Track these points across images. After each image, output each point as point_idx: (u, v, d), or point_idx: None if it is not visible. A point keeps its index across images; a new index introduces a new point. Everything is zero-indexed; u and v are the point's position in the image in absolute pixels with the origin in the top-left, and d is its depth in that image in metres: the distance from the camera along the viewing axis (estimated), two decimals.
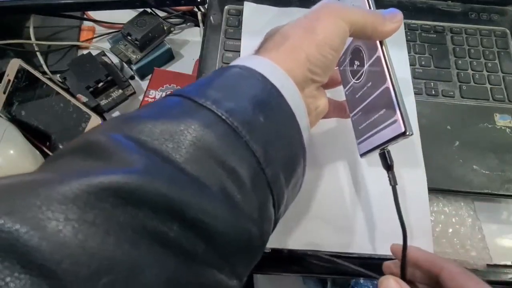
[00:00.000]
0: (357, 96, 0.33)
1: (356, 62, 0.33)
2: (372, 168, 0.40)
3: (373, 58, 0.30)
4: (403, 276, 0.30)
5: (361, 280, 0.62)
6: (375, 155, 0.32)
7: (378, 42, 0.30)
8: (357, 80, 0.33)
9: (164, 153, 0.20)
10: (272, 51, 0.28)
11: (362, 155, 0.33)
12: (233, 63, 0.27)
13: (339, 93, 0.36)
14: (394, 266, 0.31)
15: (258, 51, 0.29)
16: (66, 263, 0.15)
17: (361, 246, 0.38)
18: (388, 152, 0.31)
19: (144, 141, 0.20)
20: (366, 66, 0.31)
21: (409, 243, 0.39)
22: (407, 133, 0.28)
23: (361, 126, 0.33)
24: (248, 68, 0.26)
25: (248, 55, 0.29)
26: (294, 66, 0.27)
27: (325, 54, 0.27)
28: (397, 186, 0.31)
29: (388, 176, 0.31)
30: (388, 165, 0.31)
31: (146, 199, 0.18)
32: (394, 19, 0.30)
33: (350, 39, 0.33)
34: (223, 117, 0.22)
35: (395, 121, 0.28)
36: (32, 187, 0.16)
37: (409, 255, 0.30)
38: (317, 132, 0.41)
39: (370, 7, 0.30)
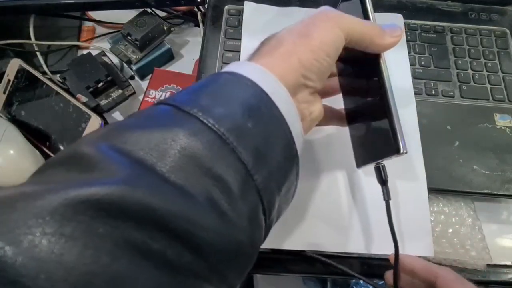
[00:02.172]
0: (354, 106, 0.33)
1: (355, 73, 0.33)
2: (371, 169, 0.40)
3: (371, 70, 0.30)
4: (395, 287, 0.30)
5: (361, 281, 0.62)
6: (371, 167, 0.32)
7: (377, 56, 0.30)
8: (355, 90, 0.33)
9: (149, 162, 0.19)
10: (266, 56, 0.27)
11: (358, 166, 0.34)
12: (224, 69, 0.27)
13: (338, 101, 0.36)
14: (392, 276, 0.32)
15: (252, 56, 0.29)
16: (41, 278, 0.14)
17: (360, 246, 0.38)
18: (383, 167, 0.32)
19: (129, 151, 0.20)
20: (364, 78, 0.31)
21: (409, 243, 0.39)
22: (402, 152, 0.28)
23: (358, 136, 0.33)
24: (238, 74, 0.26)
25: (239, 61, 0.29)
26: (287, 71, 0.27)
27: (319, 60, 0.27)
28: (390, 200, 0.32)
29: (382, 191, 0.32)
30: (382, 180, 0.32)
31: (128, 210, 0.17)
32: (394, 33, 0.30)
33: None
34: (209, 124, 0.22)
35: (390, 139, 0.28)
36: (11, 201, 0.16)
37: (405, 264, 0.31)
38: (316, 135, 0.41)
39: (371, 19, 0.30)
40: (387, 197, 0.32)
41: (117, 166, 0.19)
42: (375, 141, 0.30)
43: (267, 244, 0.35)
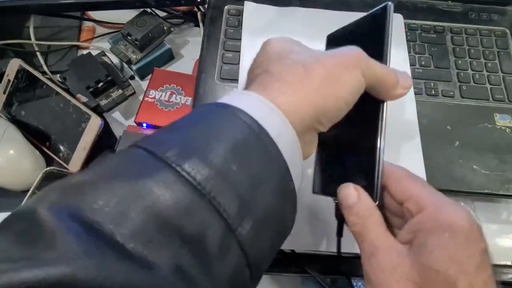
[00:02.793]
0: (336, 136, 0.30)
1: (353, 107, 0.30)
2: None
3: (370, 111, 0.28)
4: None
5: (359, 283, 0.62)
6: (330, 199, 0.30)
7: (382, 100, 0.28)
8: (345, 124, 0.29)
9: (107, 229, 0.17)
10: (284, 85, 0.25)
11: (314, 192, 0.31)
12: (222, 99, 0.24)
13: None
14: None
15: (264, 77, 0.26)
16: None
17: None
18: None
19: (87, 216, 0.17)
20: (360, 114, 0.28)
21: None
22: (376, 203, 0.26)
23: (328, 164, 0.31)
24: (232, 107, 0.23)
25: (238, 92, 0.26)
26: (303, 113, 0.24)
27: (339, 108, 0.26)
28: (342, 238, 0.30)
29: (338, 227, 0.30)
30: (340, 216, 0.29)
31: None
32: (405, 84, 0.28)
33: None
34: (183, 173, 0.19)
35: (367, 186, 0.27)
36: None
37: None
38: None
39: (387, 63, 0.28)
40: (340, 234, 0.30)
41: (70, 238, 0.16)
42: (348, 179, 0.28)
43: None
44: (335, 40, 0.34)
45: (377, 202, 0.26)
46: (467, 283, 0.21)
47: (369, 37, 0.30)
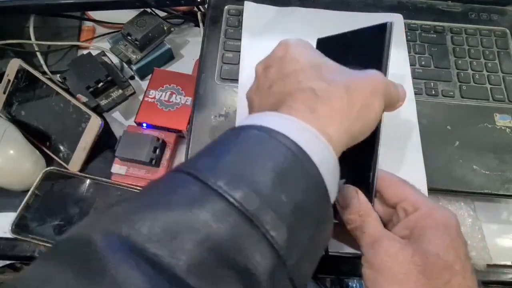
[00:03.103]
0: None
1: None
2: None
3: None
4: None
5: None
6: None
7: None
8: None
9: (165, 262, 0.17)
10: (332, 113, 0.25)
11: None
12: (251, 119, 0.24)
13: None
14: None
15: (308, 96, 0.25)
16: None
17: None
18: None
19: (142, 247, 0.17)
20: None
21: None
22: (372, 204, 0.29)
23: None
24: (273, 131, 0.23)
25: (280, 114, 0.25)
26: (344, 141, 0.25)
27: (366, 133, 0.27)
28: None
29: None
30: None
31: None
32: (404, 97, 0.30)
33: None
34: (236, 204, 0.19)
35: (363, 190, 0.29)
36: None
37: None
38: None
39: (387, 74, 0.30)
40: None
41: (133, 274, 0.16)
42: (346, 181, 0.29)
43: None
44: (327, 46, 0.35)
45: (373, 204, 0.29)
46: (461, 266, 0.25)
47: (367, 50, 0.31)
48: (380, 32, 0.30)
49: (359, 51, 0.32)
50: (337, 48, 0.33)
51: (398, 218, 0.29)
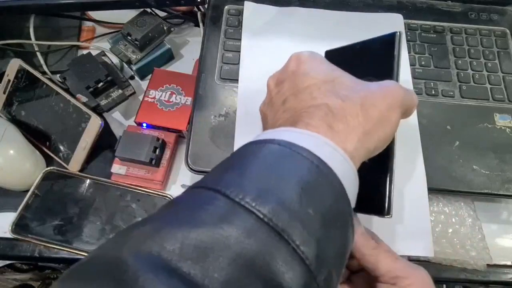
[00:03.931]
0: None
1: None
2: None
3: None
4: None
5: None
6: None
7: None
8: None
9: (197, 279, 0.17)
10: (349, 129, 0.25)
11: None
12: (283, 135, 0.24)
13: None
14: None
15: (324, 113, 0.25)
16: None
17: None
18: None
19: (175, 266, 0.17)
20: None
21: (409, 243, 0.39)
22: (387, 216, 0.28)
23: None
24: (295, 145, 0.23)
25: (301, 130, 0.25)
26: (361, 155, 0.25)
27: (383, 146, 0.27)
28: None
29: None
30: None
31: None
32: (417, 103, 0.30)
33: None
34: (266, 219, 0.19)
35: (379, 199, 0.28)
36: None
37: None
38: None
39: (397, 79, 0.30)
40: None
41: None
42: (362, 189, 0.29)
43: None
44: (335, 58, 0.34)
45: (389, 215, 0.28)
46: None
47: (377, 60, 0.32)
48: (389, 42, 0.31)
49: (368, 62, 0.33)
50: (346, 59, 0.33)
51: None
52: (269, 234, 0.19)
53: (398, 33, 0.31)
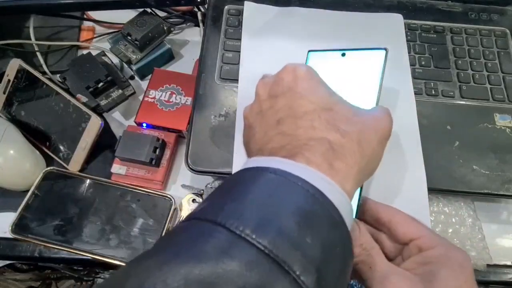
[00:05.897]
0: None
1: None
2: None
3: None
4: None
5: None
6: None
7: None
8: None
9: None
10: (347, 168, 0.25)
11: None
12: (279, 164, 0.24)
13: None
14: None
15: (325, 149, 0.26)
16: None
17: None
18: None
19: None
20: None
21: None
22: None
23: None
24: (289, 174, 0.23)
25: (292, 162, 0.25)
26: (355, 189, 0.26)
27: (372, 174, 0.29)
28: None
29: None
30: None
31: None
32: None
33: None
34: (266, 251, 0.19)
35: None
36: None
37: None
38: None
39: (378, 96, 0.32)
40: None
41: None
42: None
43: None
44: (319, 60, 0.35)
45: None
46: None
47: (361, 71, 0.32)
48: (376, 57, 0.31)
49: (352, 71, 0.33)
50: (330, 64, 0.33)
51: (408, 254, 0.30)
52: (270, 266, 0.19)
53: (385, 50, 0.31)
